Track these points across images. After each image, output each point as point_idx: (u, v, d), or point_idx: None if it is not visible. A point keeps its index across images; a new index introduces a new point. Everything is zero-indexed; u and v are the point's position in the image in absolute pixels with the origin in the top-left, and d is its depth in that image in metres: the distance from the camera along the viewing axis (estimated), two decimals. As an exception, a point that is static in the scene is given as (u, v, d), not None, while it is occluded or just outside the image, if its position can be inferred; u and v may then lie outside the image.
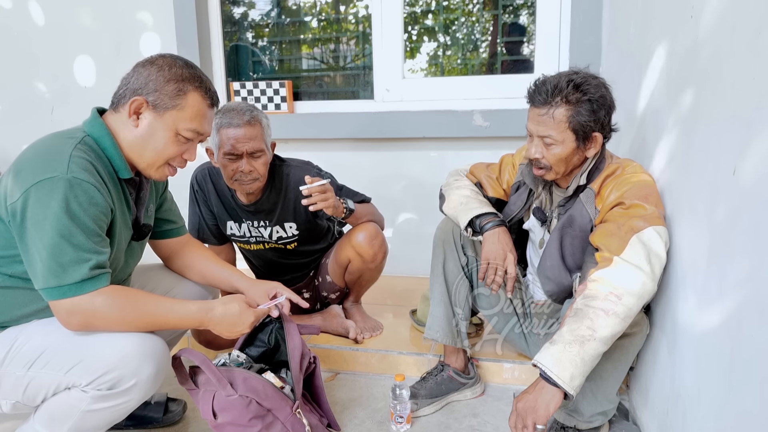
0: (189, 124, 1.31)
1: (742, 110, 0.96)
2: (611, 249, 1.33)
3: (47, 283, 1.17)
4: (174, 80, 1.28)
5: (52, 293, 1.17)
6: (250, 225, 1.93)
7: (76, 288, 1.18)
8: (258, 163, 1.73)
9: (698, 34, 1.19)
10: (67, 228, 1.15)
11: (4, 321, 1.28)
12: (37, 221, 1.15)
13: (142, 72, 1.29)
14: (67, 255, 1.16)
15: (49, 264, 1.15)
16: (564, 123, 1.40)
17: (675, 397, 1.27)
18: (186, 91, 1.29)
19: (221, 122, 1.70)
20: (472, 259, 1.70)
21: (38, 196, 1.15)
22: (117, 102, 1.31)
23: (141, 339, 1.24)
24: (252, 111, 1.72)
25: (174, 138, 1.31)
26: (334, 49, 2.87)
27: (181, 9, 2.68)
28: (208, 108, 1.34)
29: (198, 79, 1.31)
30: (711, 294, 1.08)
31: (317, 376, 1.53)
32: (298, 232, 1.94)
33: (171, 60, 1.31)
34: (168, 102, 1.28)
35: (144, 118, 1.29)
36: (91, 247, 1.19)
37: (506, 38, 2.67)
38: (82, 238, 1.17)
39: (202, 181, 1.92)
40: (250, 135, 1.68)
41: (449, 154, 2.58)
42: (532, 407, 1.27)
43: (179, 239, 1.63)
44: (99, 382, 1.20)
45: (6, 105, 3.01)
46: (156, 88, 1.27)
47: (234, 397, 1.32)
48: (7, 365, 1.23)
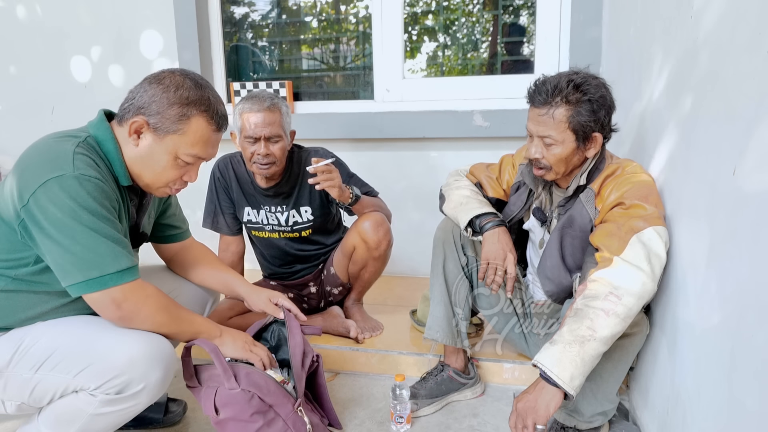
0: (190, 149, 1.27)
1: (742, 110, 0.96)
2: (611, 249, 1.33)
3: (88, 275, 1.16)
4: (178, 104, 1.24)
5: (93, 285, 1.17)
6: (267, 211, 2.01)
7: (118, 276, 1.18)
8: (276, 147, 1.83)
9: (698, 35, 1.19)
10: (92, 221, 1.15)
11: (8, 324, 1.27)
12: (57, 220, 1.14)
13: (147, 90, 1.25)
14: (102, 246, 1.16)
15: (85, 257, 1.15)
16: (564, 123, 1.40)
17: (675, 397, 1.27)
18: (190, 116, 1.25)
19: (243, 107, 1.82)
20: (472, 259, 1.70)
21: (50, 195, 1.13)
22: (122, 116, 1.28)
23: (149, 342, 1.23)
24: (272, 98, 1.83)
25: (173, 162, 1.28)
26: (334, 50, 2.87)
27: (182, 9, 2.68)
28: (213, 132, 1.30)
29: (205, 103, 1.26)
30: (711, 294, 1.08)
31: (320, 374, 1.53)
32: (313, 218, 2.02)
33: (180, 79, 1.26)
34: (169, 126, 1.24)
35: (144, 139, 1.26)
36: (120, 238, 1.20)
37: (506, 38, 2.68)
38: (109, 229, 1.18)
39: (224, 169, 2.02)
40: (269, 120, 1.79)
41: (449, 154, 2.58)
42: (532, 407, 1.27)
43: (183, 243, 1.63)
44: (108, 386, 1.19)
45: (6, 104, 3.01)
46: (158, 111, 1.23)
47: (236, 391, 1.32)
48: (13, 367, 1.22)
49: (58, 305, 1.28)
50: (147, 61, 2.76)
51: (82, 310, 1.31)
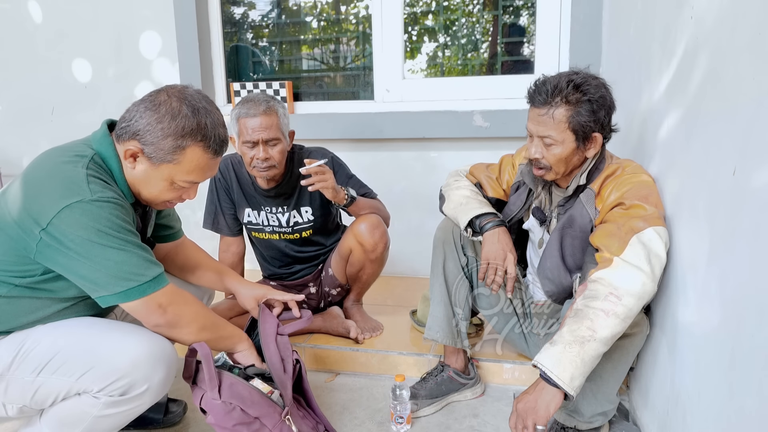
0: (185, 176, 1.27)
1: (743, 110, 0.96)
2: (611, 249, 1.33)
3: (126, 286, 1.18)
4: (173, 136, 1.21)
5: (131, 294, 1.19)
6: (268, 212, 2.01)
7: (155, 283, 1.21)
8: (274, 150, 1.83)
9: (698, 35, 1.19)
10: (118, 237, 1.17)
11: (10, 328, 1.27)
12: (83, 240, 1.14)
13: (144, 116, 1.22)
14: (133, 259, 1.18)
15: (119, 272, 1.17)
16: (564, 123, 1.40)
17: (675, 397, 1.26)
18: (185, 147, 1.22)
19: (240, 112, 1.82)
20: (472, 259, 1.70)
21: (71, 221, 1.14)
22: (120, 135, 1.26)
23: (151, 343, 1.23)
24: (268, 102, 1.82)
25: (169, 186, 1.28)
26: (334, 50, 2.87)
27: (181, 9, 2.68)
28: (209, 160, 1.28)
29: (201, 132, 1.23)
30: (711, 294, 1.08)
31: (304, 379, 1.50)
32: (314, 218, 2.02)
33: (177, 106, 1.21)
34: (164, 156, 1.23)
35: (140, 163, 1.25)
36: (146, 247, 1.23)
37: (506, 39, 2.67)
38: (136, 241, 1.21)
39: (224, 171, 2.02)
40: (266, 124, 1.79)
41: (449, 154, 2.58)
42: (532, 408, 1.27)
43: (176, 242, 1.63)
44: (111, 388, 1.19)
45: (6, 105, 3.01)
46: (152, 141, 1.21)
47: (217, 402, 1.32)
48: (14, 370, 1.22)
49: (60, 309, 1.28)
50: (147, 62, 2.76)
51: (83, 312, 1.32)
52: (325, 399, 1.80)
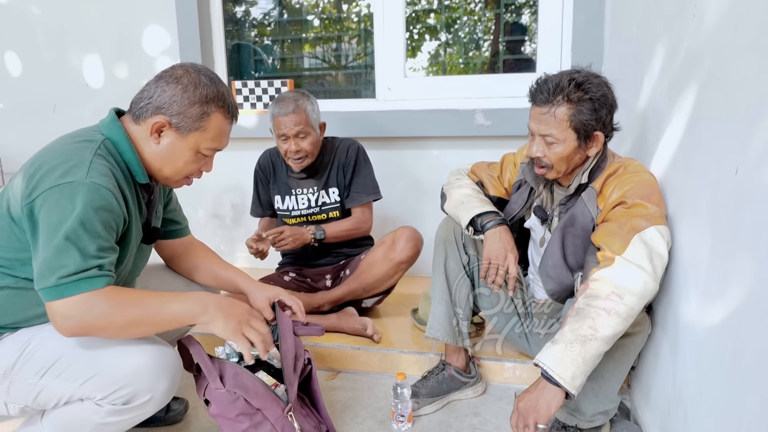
0: (210, 143, 1.33)
1: (745, 109, 0.96)
2: (613, 248, 1.32)
3: (45, 283, 1.12)
4: (199, 102, 1.27)
5: (50, 293, 1.13)
6: (299, 194, 2.22)
7: (72, 286, 1.13)
8: (305, 143, 2.07)
9: (701, 33, 1.19)
10: (76, 232, 1.13)
11: (17, 321, 1.26)
12: (50, 223, 1.13)
13: (166, 89, 1.27)
14: (71, 257, 1.12)
15: (51, 263, 1.12)
16: (565, 122, 1.40)
17: (677, 396, 1.26)
18: (210, 113, 1.29)
19: (273, 111, 2.08)
20: (474, 258, 1.70)
21: (56, 198, 1.13)
22: (138, 114, 1.29)
23: (155, 352, 1.22)
24: (296, 100, 2.06)
25: (194, 156, 1.33)
26: (335, 48, 2.87)
27: (183, 7, 2.68)
28: (228, 125, 1.36)
29: (221, 98, 1.31)
30: (713, 293, 1.08)
31: (314, 379, 1.50)
32: (339, 199, 2.21)
33: (196, 77, 1.28)
34: (192, 124, 1.28)
35: (165, 137, 1.29)
36: (95, 253, 1.16)
37: (508, 37, 2.67)
38: (88, 243, 1.14)
39: (263, 163, 2.30)
40: (295, 121, 2.04)
41: (451, 153, 2.58)
42: (533, 407, 1.27)
43: (183, 240, 1.62)
44: (114, 396, 1.19)
45: (8, 103, 3.02)
46: (180, 111, 1.26)
47: (221, 391, 1.32)
48: (18, 370, 1.21)
49: None
50: (149, 59, 2.76)
51: None
52: (326, 397, 1.80)
